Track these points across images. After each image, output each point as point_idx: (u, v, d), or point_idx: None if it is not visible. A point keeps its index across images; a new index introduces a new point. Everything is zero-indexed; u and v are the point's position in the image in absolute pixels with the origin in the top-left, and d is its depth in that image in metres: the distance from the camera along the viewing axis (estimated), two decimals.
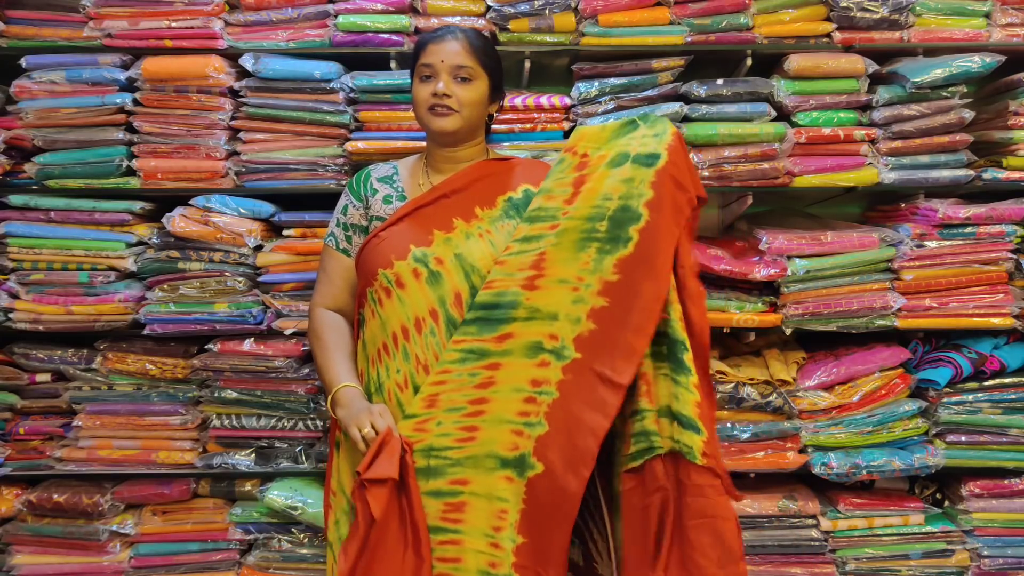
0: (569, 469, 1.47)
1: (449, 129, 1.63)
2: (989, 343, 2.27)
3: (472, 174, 1.70)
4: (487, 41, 1.69)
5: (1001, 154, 2.23)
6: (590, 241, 1.53)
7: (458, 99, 1.62)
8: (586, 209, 1.55)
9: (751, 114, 2.17)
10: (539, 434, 1.49)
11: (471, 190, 1.67)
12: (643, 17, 2.19)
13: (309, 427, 2.29)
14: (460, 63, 1.62)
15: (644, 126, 1.63)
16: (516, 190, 1.67)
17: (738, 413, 2.20)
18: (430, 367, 1.58)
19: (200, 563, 2.31)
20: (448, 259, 1.59)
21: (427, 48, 1.65)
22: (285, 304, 2.23)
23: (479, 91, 1.65)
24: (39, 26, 2.22)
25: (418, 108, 1.66)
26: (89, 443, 2.29)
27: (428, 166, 1.75)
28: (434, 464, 1.53)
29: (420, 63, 1.65)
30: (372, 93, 2.21)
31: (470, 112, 1.64)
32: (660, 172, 1.53)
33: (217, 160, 2.21)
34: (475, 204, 1.65)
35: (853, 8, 2.16)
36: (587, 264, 1.52)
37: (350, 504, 1.64)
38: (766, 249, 2.17)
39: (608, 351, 1.50)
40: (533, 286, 1.54)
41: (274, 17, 2.21)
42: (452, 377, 1.55)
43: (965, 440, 2.23)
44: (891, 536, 2.25)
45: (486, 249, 1.60)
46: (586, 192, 1.57)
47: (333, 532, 1.70)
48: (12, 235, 2.22)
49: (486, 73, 1.66)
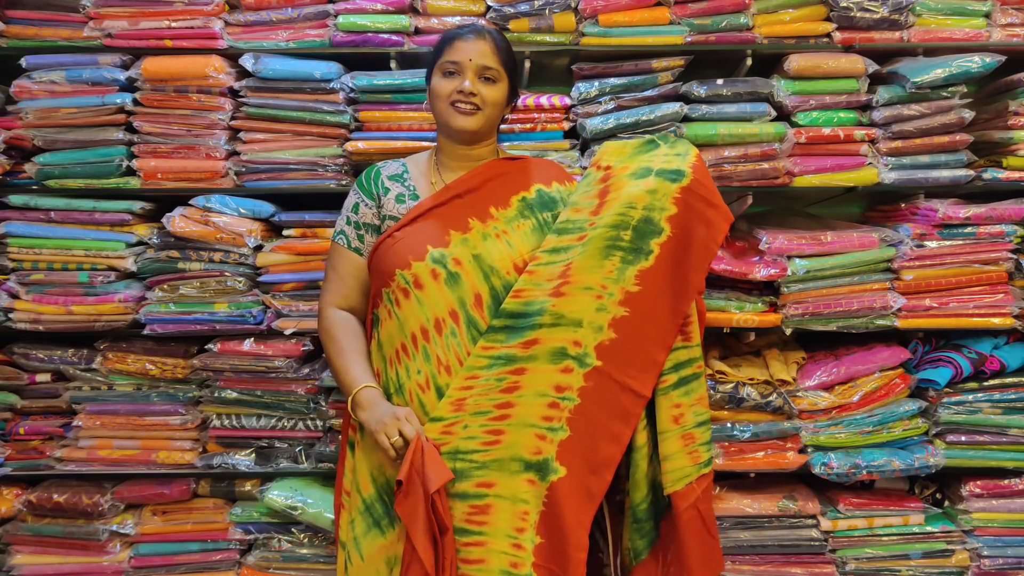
0: (591, 473, 1.51)
1: (472, 128, 1.63)
2: (989, 343, 2.27)
3: (485, 173, 1.69)
4: (508, 43, 1.69)
5: (1001, 154, 2.23)
6: (615, 249, 1.56)
7: (483, 98, 1.62)
8: (611, 217, 1.57)
9: (751, 114, 2.17)
10: (561, 439, 1.52)
11: (485, 190, 1.67)
12: (643, 17, 2.19)
13: (309, 427, 2.29)
14: (487, 63, 1.62)
15: (665, 145, 1.67)
16: (530, 190, 1.67)
17: (738, 413, 2.20)
18: (452, 368, 1.58)
19: (200, 563, 2.31)
20: (466, 260, 1.59)
21: (454, 44, 1.63)
22: (285, 304, 2.23)
23: (502, 92, 1.66)
24: (39, 26, 2.22)
25: (438, 102, 1.64)
26: (89, 443, 2.29)
27: (439, 164, 1.74)
28: (460, 467, 1.54)
29: (445, 59, 1.63)
30: (372, 93, 2.21)
31: (492, 112, 1.65)
32: (684, 190, 1.57)
33: (217, 160, 2.21)
34: (490, 204, 1.65)
35: (853, 8, 2.16)
36: (611, 273, 1.55)
37: (366, 504, 1.64)
38: (766, 249, 2.17)
39: (628, 361, 1.54)
40: (559, 292, 1.56)
41: (274, 17, 2.21)
42: (479, 382, 1.56)
43: (965, 440, 2.23)
44: (891, 536, 2.25)
45: (504, 250, 1.60)
46: (611, 201, 1.60)
47: (347, 532, 1.69)
48: (12, 235, 2.22)
49: (507, 75, 1.66)
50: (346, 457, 1.73)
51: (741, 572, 2.24)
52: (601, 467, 1.52)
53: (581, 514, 1.51)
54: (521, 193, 1.67)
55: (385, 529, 1.62)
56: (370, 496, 1.64)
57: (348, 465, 1.72)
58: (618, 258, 1.55)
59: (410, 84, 2.19)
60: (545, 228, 1.63)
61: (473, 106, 1.62)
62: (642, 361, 1.55)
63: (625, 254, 1.55)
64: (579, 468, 1.51)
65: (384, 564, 1.62)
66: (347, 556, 1.68)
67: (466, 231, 1.61)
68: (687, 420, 1.61)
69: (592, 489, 1.51)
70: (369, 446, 1.62)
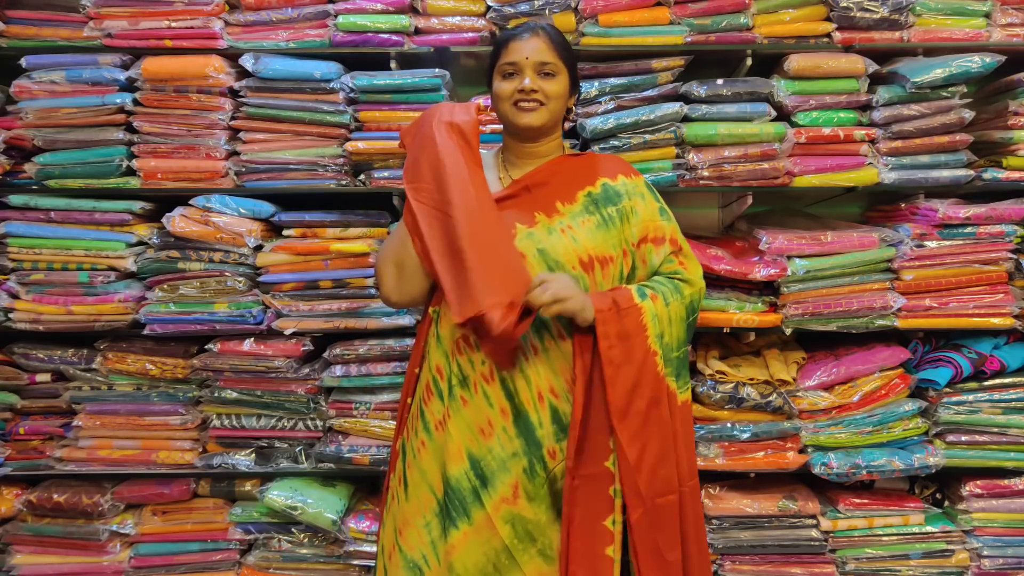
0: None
1: (536, 124, 1.62)
2: (989, 343, 2.27)
3: (552, 168, 1.68)
4: (563, 36, 1.68)
5: (1001, 154, 2.23)
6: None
7: (545, 93, 1.61)
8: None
9: (751, 114, 2.17)
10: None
11: (552, 184, 1.65)
12: (643, 17, 2.19)
13: (309, 427, 2.29)
14: (544, 59, 1.61)
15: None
16: (595, 184, 1.65)
17: (738, 413, 2.20)
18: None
19: (200, 563, 2.31)
20: (531, 253, 1.56)
21: (509, 46, 1.63)
22: (285, 304, 2.23)
23: (563, 85, 1.65)
24: (39, 26, 2.22)
25: (501, 104, 1.64)
26: (89, 443, 2.29)
27: (506, 161, 1.73)
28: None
29: (503, 62, 1.63)
30: (372, 93, 2.21)
31: (555, 105, 1.64)
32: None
33: (217, 160, 2.21)
34: (556, 199, 1.63)
35: (853, 8, 2.16)
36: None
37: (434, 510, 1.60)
38: (766, 249, 2.17)
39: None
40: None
41: (274, 17, 2.21)
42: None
43: (965, 440, 2.23)
44: (891, 536, 2.25)
45: (568, 244, 1.58)
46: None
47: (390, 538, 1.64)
48: (12, 235, 2.22)
49: (566, 67, 1.65)
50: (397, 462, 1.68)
51: (741, 572, 2.24)
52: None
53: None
54: (587, 188, 1.65)
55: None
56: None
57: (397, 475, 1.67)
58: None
59: (410, 84, 2.19)
60: (609, 224, 1.61)
61: (536, 102, 1.61)
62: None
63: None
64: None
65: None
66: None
67: (532, 225, 1.59)
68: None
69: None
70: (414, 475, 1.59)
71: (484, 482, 1.53)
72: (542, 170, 1.67)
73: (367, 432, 2.27)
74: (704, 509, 2.25)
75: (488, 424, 1.54)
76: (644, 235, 1.63)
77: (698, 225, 2.58)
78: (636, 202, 1.63)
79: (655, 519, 1.54)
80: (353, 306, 2.23)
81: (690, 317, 1.63)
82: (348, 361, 2.25)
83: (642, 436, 1.53)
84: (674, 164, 2.19)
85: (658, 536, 1.54)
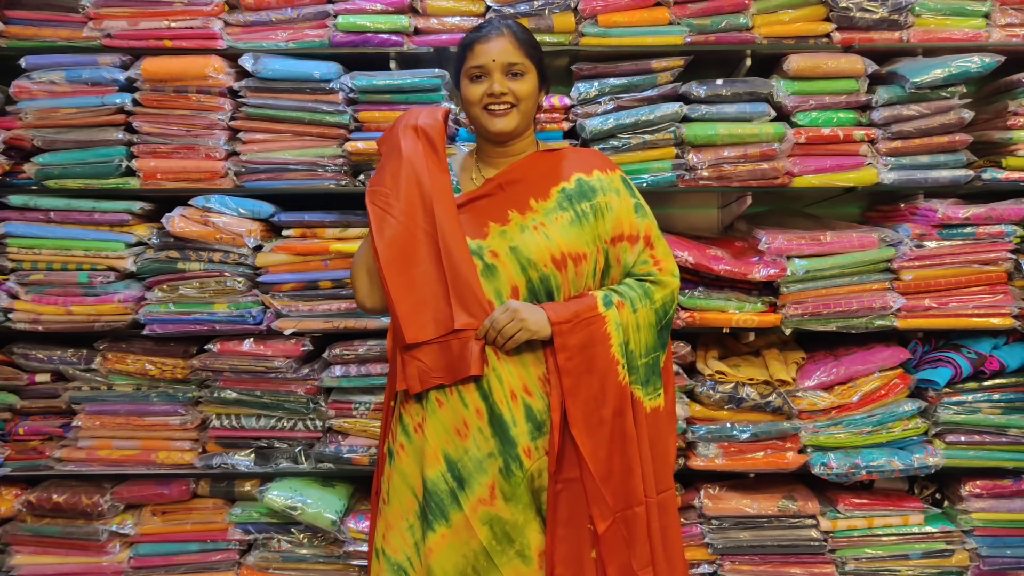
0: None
1: (510, 128, 1.62)
2: (988, 343, 2.27)
3: (526, 165, 1.67)
4: (529, 32, 1.67)
5: (1001, 154, 2.23)
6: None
7: (515, 95, 1.60)
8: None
9: (751, 114, 2.17)
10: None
11: (526, 181, 1.64)
12: (643, 17, 2.19)
13: (309, 427, 2.29)
14: (511, 60, 1.59)
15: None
16: (569, 180, 1.63)
17: (738, 413, 2.20)
18: (488, 359, 1.55)
19: (200, 563, 2.31)
20: (503, 252, 1.56)
21: (475, 48, 1.61)
22: (285, 304, 2.23)
23: (532, 83, 1.63)
24: (39, 26, 2.22)
25: (472, 108, 1.63)
26: (89, 443, 2.29)
27: (479, 161, 1.72)
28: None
29: (469, 65, 1.62)
30: (372, 93, 2.21)
31: (526, 105, 1.63)
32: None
33: (217, 160, 2.21)
34: (530, 196, 1.62)
35: (853, 8, 2.16)
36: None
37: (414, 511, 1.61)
38: (766, 249, 2.17)
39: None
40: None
41: (274, 17, 2.21)
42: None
43: (964, 440, 2.23)
44: (891, 536, 2.25)
45: (541, 242, 1.56)
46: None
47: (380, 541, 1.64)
48: (12, 235, 2.22)
49: (534, 65, 1.64)
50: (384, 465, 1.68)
51: (741, 572, 2.24)
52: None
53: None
54: (561, 184, 1.63)
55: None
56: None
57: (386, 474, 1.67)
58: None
59: (409, 84, 2.19)
60: (583, 220, 1.59)
61: (507, 105, 1.61)
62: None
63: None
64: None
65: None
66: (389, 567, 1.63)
67: (505, 223, 1.59)
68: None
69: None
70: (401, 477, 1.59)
71: (461, 483, 1.53)
72: (516, 167, 1.66)
73: (367, 432, 2.27)
74: (704, 509, 2.25)
75: (464, 425, 1.53)
76: (618, 232, 1.61)
77: (697, 225, 2.58)
78: (611, 198, 1.61)
79: (624, 531, 1.54)
80: (353, 306, 2.23)
81: (661, 322, 1.63)
82: (348, 361, 2.25)
83: (607, 446, 1.52)
84: (674, 164, 2.19)
85: (629, 550, 1.54)
